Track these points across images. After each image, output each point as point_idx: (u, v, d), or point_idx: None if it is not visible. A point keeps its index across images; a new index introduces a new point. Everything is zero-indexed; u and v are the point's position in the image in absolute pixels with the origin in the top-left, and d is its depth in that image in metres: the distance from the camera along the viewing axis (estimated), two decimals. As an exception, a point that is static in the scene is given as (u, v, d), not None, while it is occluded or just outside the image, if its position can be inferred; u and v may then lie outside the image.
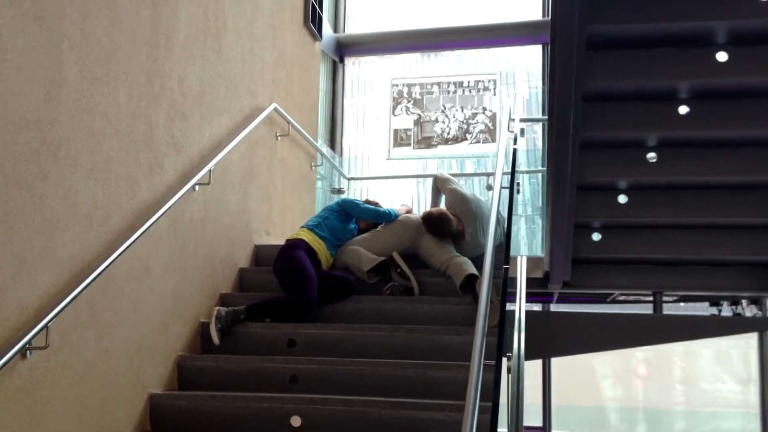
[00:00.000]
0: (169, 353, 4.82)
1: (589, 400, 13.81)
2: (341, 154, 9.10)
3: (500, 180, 4.81)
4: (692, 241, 5.93)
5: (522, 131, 6.36)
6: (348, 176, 8.61)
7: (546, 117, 5.25)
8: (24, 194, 3.49)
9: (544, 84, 8.64)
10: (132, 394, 4.40)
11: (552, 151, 4.96)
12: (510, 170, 5.68)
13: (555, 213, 5.36)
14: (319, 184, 8.12)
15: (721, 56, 4.78)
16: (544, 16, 8.91)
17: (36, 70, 3.57)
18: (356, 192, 8.75)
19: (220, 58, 5.59)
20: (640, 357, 13.88)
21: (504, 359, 4.08)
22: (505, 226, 5.55)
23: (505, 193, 5.18)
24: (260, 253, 6.21)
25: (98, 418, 4.05)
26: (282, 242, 5.73)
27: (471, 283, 5.22)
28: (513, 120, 5.95)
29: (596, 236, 5.94)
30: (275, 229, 6.62)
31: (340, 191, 8.52)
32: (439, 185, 6.02)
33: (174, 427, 4.56)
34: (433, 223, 5.63)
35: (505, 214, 5.71)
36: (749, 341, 12.15)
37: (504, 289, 3.28)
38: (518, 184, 5.34)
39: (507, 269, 3.41)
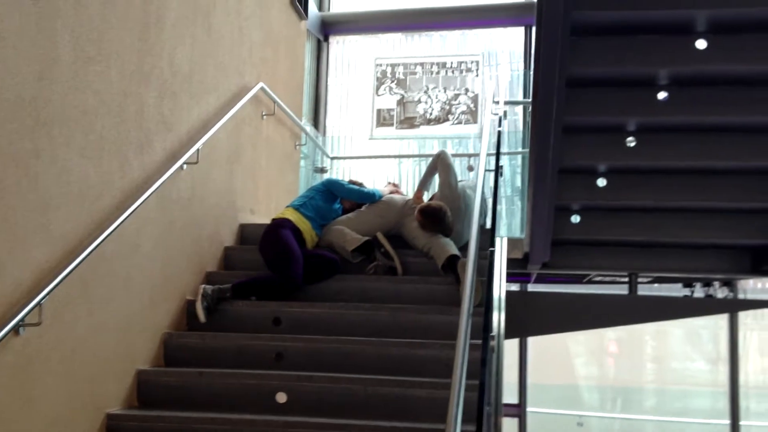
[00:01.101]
0: (156, 330, 4.89)
1: (562, 378, 14.02)
2: (324, 134, 9.15)
3: (484, 162, 4.90)
4: (669, 224, 6.07)
5: (504, 114, 6.45)
6: (331, 155, 8.66)
7: (529, 100, 5.34)
8: (19, 172, 3.53)
9: (526, 66, 8.73)
10: (120, 371, 4.46)
11: (535, 134, 5.06)
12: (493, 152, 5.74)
13: (536, 195, 5.46)
14: (302, 163, 8.17)
15: (701, 44, 4.89)
16: (526, -2, 8.99)
17: (31, 49, 3.60)
18: (338, 171, 8.80)
19: (210, 37, 5.61)
20: (611, 336, 14.09)
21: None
22: (488, 208, 5.65)
23: (489, 175, 5.26)
24: (245, 232, 6.26)
25: (88, 393, 4.12)
26: (267, 221, 5.78)
27: (453, 263, 5.31)
28: (497, 102, 6.01)
29: (575, 218, 6.06)
30: (260, 208, 6.67)
31: (323, 170, 8.57)
32: (439, 168, 5.87)
33: (161, 403, 4.62)
34: (430, 215, 5.56)
35: (488, 195, 5.81)
36: (719, 322, 12.41)
37: (490, 271, 3.37)
38: (501, 166, 5.41)
39: (493, 252, 3.50)
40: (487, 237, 5.64)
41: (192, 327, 5.24)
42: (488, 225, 6.04)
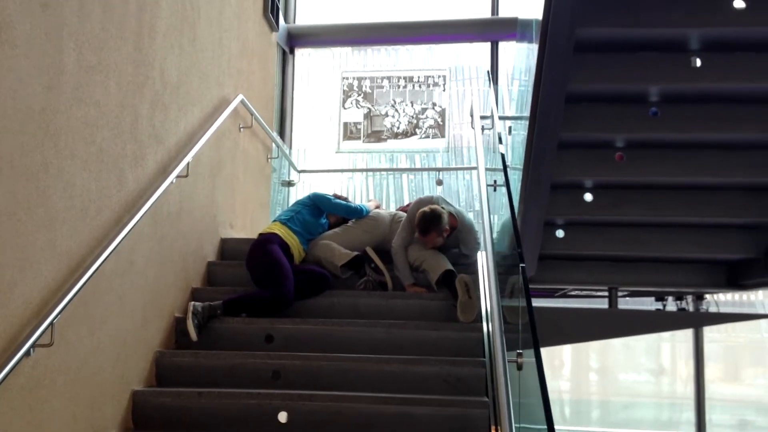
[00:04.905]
0: (148, 349, 4.72)
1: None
2: (290, 146, 9.03)
3: (485, 179, 4.88)
4: (650, 239, 6.15)
5: (509, 129, 6.48)
6: (299, 169, 8.55)
7: (524, 115, 5.34)
8: (29, 186, 3.37)
9: (494, 82, 8.74)
10: (117, 392, 4.30)
11: (532, 150, 5.06)
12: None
13: (527, 211, 5.46)
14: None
15: (694, 62, 4.97)
16: (492, 14, 9.04)
17: (41, 58, 3.45)
18: (305, 185, 8.67)
19: (195, 47, 5.48)
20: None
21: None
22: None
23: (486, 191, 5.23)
24: (226, 247, 6.11)
25: (89, 416, 3.95)
26: (245, 236, 5.66)
27: (448, 278, 5.27)
28: (487, 117, 5.98)
29: (560, 233, 6.08)
30: (237, 222, 6.53)
31: (290, 184, 8.45)
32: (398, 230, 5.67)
33: (157, 424, 4.47)
34: (429, 220, 5.38)
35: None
36: (662, 335, 12.66)
37: (526, 289, 3.33)
38: (494, 181, 5.38)
39: (524, 268, 3.47)
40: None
41: (180, 345, 5.09)
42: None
